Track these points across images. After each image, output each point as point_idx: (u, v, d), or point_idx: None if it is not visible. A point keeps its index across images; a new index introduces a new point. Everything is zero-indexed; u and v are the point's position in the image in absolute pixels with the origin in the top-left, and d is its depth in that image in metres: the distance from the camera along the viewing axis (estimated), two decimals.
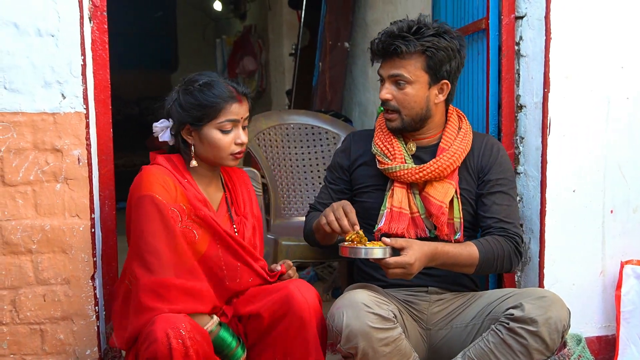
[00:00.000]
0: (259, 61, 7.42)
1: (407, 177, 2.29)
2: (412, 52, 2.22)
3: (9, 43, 2.24)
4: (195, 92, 2.16)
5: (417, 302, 2.33)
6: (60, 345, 2.34)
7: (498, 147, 2.42)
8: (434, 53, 2.22)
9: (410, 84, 2.25)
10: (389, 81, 2.28)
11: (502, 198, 2.33)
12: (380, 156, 2.35)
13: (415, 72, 2.24)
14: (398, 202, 2.30)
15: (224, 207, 2.29)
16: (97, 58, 2.37)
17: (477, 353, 2.07)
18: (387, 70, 2.28)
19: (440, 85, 2.29)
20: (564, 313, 2.04)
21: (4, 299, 2.29)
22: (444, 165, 2.28)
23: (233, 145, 2.19)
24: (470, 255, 2.20)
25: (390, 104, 2.29)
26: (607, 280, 2.75)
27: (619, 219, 2.75)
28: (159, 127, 2.24)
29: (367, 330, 1.97)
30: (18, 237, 2.28)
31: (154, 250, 2.03)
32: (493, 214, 2.31)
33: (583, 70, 2.67)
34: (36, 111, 2.27)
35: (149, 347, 1.91)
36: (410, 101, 2.27)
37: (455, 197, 2.30)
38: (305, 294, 2.08)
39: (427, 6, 3.71)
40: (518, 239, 2.29)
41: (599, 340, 2.77)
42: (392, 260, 2.03)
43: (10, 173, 2.26)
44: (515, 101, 2.80)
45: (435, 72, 2.26)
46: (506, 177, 2.36)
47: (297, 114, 3.50)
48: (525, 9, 2.74)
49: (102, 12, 2.36)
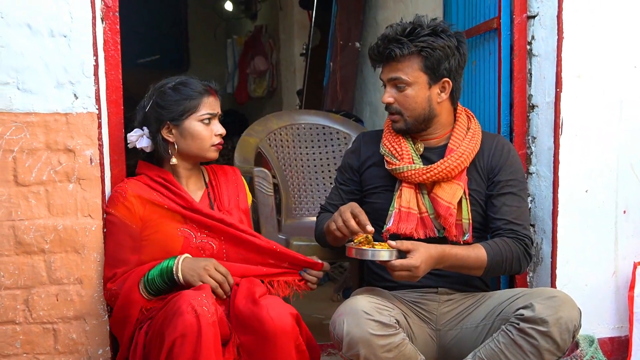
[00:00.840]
0: (270, 61, 7.42)
1: (415, 177, 2.28)
2: (406, 54, 2.23)
3: (22, 44, 2.25)
4: (173, 90, 2.30)
5: (426, 303, 2.32)
6: (72, 345, 2.35)
7: (509, 147, 2.40)
8: (430, 53, 2.22)
9: (409, 86, 2.26)
10: (390, 85, 2.30)
11: (512, 199, 2.31)
12: (389, 156, 2.34)
13: (412, 73, 2.25)
14: (406, 203, 2.29)
15: (205, 202, 2.38)
16: (109, 58, 2.38)
17: (488, 354, 2.07)
18: (386, 74, 2.30)
19: (441, 84, 2.28)
20: (575, 313, 2.03)
21: (17, 298, 2.30)
22: (452, 166, 2.26)
23: (214, 137, 2.33)
24: (478, 258, 2.18)
25: (393, 107, 2.31)
26: (619, 281, 2.74)
27: (632, 220, 2.73)
28: (135, 136, 2.35)
29: (367, 337, 1.97)
30: (31, 237, 2.29)
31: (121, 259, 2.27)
32: (503, 215, 2.29)
33: (595, 70, 2.66)
34: (49, 111, 2.28)
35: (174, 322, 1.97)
36: (412, 102, 2.27)
37: (464, 198, 2.29)
38: (272, 314, 2.06)
39: (439, 5, 3.70)
40: (528, 240, 2.27)
41: (611, 341, 2.75)
42: (398, 262, 2.03)
43: (23, 173, 2.28)
44: (527, 101, 2.79)
45: (433, 72, 2.25)
46: (517, 178, 2.35)
47: (308, 114, 3.50)
48: (537, 8, 2.73)
49: (114, 13, 2.37)
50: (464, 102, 3.13)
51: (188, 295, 2.02)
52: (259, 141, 3.15)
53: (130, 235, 2.26)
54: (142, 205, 2.27)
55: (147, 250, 2.27)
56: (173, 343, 1.95)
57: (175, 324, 1.96)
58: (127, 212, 2.26)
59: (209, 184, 2.43)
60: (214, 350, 1.96)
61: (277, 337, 2.03)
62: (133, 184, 2.31)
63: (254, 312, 2.07)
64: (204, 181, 2.44)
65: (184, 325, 1.94)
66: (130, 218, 2.26)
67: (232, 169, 2.54)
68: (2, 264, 2.28)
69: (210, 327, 1.96)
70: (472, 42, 3.13)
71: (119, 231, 2.27)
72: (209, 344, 1.95)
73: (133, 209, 2.26)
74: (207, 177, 2.46)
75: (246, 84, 7.89)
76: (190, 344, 1.94)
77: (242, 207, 2.43)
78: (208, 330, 1.95)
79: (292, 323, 2.07)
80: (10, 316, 2.30)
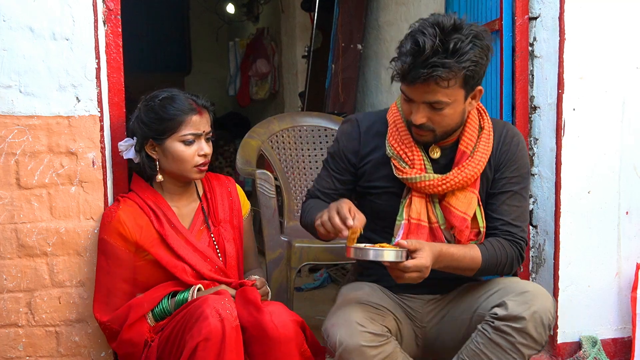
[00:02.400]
0: (272, 63, 7.42)
1: (430, 189, 2.11)
2: (452, 77, 1.95)
3: (25, 47, 2.25)
4: (156, 107, 2.23)
5: (412, 301, 2.27)
6: (75, 347, 2.36)
7: (518, 139, 2.21)
8: (474, 70, 1.97)
9: (448, 105, 2.00)
10: (424, 105, 2.01)
11: (513, 198, 2.16)
12: (397, 160, 2.15)
13: (454, 93, 1.99)
14: (417, 214, 2.13)
15: (199, 218, 2.32)
16: (111, 61, 2.38)
17: (469, 354, 2.04)
18: (422, 96, 2.00)
19: (474, 93, 2.07)
20: (548, 305, 1.99)
21: (19, 301, 2.31)
22: (469, 175, 2.10)
23: (197, 157, 2.24)
24: (473, 260, 2.09)
25: (426, 125, 2.05)
26: (622, 282, 2.74)
27: (635, 220, 2.73)
28: (124, 146, 2.31)
29: (360, 349, 1.95)
30: (33, 240, 2.30)
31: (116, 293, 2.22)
32: (501, 215, 2.15)
33: (597, 71, 2.66)
34: (51, 114, 2.29)
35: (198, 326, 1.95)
36: (449, 120, 2.05)
37: (478, 206, 2.14)
38: (276, 321, 2.04)
39: (440, 7, 3.71)
40: (523, 243, 2.17)
41: (614, 342, 2.75)
42: (411, 263, 1.88)
43: (25, 176, 2.28)
44: (529, 102, 2.79)
45: (472, 86, 2.03)
46: (521, 174, 2.18)
47: (310, 116, 3.49)
48: (539, 9, 2.73)
49: (116, 16, 2.37)
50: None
51: (212, 299, 2.00)
52: (261, 143, 3.15)
53: (124, 262, 2.20)
54: (137, 229, 2.21)
55: (142, 271, 2.23)
56: (196, 347, 1.94)
57: (200, 327, 1.95)
58: (120, 238, 2.19)
59: (204, 197, 2.37)
60: (236, 354, 1.96)
61: (281, 344, 2.02)
62: (125, 209, 2.23)
63: (257, 319, 2.04)
64: (197, 194, 2.37)
65: (209, 330, 1.93)
66: (124, 244, 2.19)
67: (228, 179, 2.47)
68: (4, 267, 2.29)
69: (233, 331, 1.95)
70: None
71: (112, 260, 2.20)
72: (232, 347, 1.95)
73: (127, 233, 2.19)
74: (201, 190, 2.38)
75: (248, 86, 7.90)
76: (213, 348, 1.93)
77: (236, 223, 2.38)
78: (231, 334, 1.95)
79: (296, 329, 2.06)
80: (13, 319, 2.31)
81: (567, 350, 2.71)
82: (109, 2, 2.35)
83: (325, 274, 4.67)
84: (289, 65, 6.99)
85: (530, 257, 2.83)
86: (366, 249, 1.87)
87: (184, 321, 2.03)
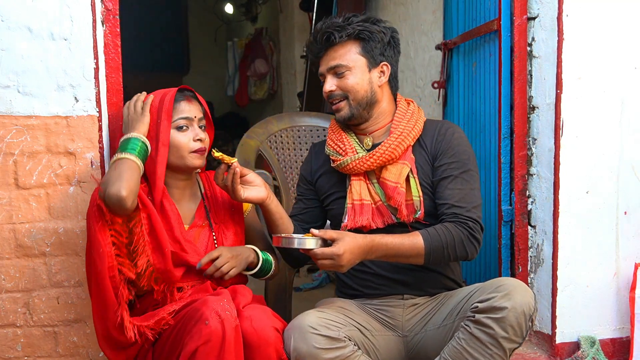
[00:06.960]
0: (270, 63, 7.43)
1: (360, 166, 2.26)
2: (345, 39, 2.24)
3: (23, 47, 2.25)
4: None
5: (390, 310, 2.28)
6: (73, 348, 2.36)
7: (453, 130, 2.32)
8: (368, 36, 2.24)
9: (349, 70, 2.25)
10: (330, 74, 2.29)
11: (455, 182, 2.22)
12: (333, 155, 2.33)
13: (352, 57, 2.25)
14: (358, 195, 2.27)
15: (201, 216, 2.30)
16: (110, 61, 2.38)
17: (451, 353, 2.04)
18: (325, 64, 2.29)
19: (380, 67, 2.29)
20: (528, 296, 1.99)
21: (17, 301, 2.31)
22: (393, 145, 2.23)
23: (192, 142, 2.21)
24: (414, 246, 2.11)
25: (336, 93, 2.28)
26: (621, 282, 2.74)
27: (633, 221, 2.73)
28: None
29: (314, 352, 1.97)
30: (32, 240, 2.30)
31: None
32: (445, 199, 2.21)
33: (596, 71, 2.66)
34: (49, 114, 2.29)
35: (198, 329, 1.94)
36: (354, 85, 2.26)
37: (412, 176, 2.24)
38: (255, 326, 2.02)
39: (439, 8, 3.71)
40: (472, 223, 2.17)
41: (613, 342, 2.75)
42: (319, 251, 2.01)
43: (24, 176, 2.28)
44: (528, 102, 2.79)
45: (372, 55, 2.26)
46: (460, 160, 2.25)
47: (308, 116, 3.49)
48: (537, 9, 2.73)
49: (114, 16, 2.37)
50: (464, 104, 3.14)
51: (210, 301, 1.99)
52: (260, 143, 3.15)
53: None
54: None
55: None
56: (195, 350, 1.93)
57: (199, 329, 1.94)
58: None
59: (205, 194, 2.36)
60: (235, 355, 1.95)
61: (260, 349, 2.01)
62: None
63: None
64: (200, 192, 2.36)
65: (209, 332, 1.92)
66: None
67: None
68: (2, 267, 2.28)
69: (232, 332, 1.94)
70: (473, 43, 3.13)
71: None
72: (231, 348, 1.94)
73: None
74: (202, 188, 2.38)
75: (247, 86, 7.91)
76: (213, 351, 1.92)
77: (237, 220, 2.36)
78: (231, 335, 1.93)
79: (275, 335, 2.04)
80: (11, 319, 2.30)
81: (566, 350, 2.71)
82: (108, 2, 2.35)
83: (323, 274, 4.68)
84: (287, 65, 7.00)
85: (529, 257, 2.84)
86: (291, 237, 2.06)
87: (182, 325, 2.02)
